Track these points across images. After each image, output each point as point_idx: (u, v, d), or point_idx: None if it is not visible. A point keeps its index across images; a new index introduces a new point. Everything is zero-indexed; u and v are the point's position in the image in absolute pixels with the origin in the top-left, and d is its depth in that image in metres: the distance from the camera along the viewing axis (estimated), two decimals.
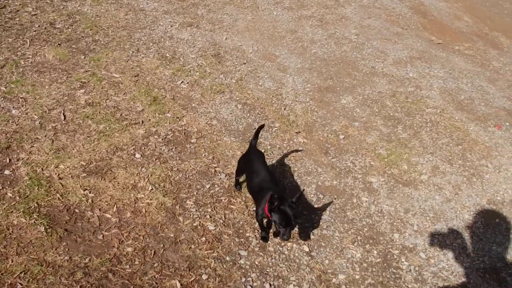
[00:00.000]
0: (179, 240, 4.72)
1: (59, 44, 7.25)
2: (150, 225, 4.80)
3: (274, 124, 6.55)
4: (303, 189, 4.73)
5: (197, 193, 5.29)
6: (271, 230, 5.00)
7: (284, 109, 6.89)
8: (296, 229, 5.02)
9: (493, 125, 7.20)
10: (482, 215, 5.68)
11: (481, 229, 5.51)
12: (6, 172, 5.02)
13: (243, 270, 4.58)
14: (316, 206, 5.46)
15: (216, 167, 5.67)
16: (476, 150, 6.62)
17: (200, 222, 4.95)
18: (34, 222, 4.54)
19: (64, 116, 5.95)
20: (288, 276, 4.63)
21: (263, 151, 5.91)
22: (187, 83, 7.05)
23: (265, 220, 4.86)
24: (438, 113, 7.27)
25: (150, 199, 5.06)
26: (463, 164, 6.36)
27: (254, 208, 4.96)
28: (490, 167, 6.37)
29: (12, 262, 4.15)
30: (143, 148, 5.72)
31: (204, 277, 4.43)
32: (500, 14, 11.56)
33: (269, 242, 4.90)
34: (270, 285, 4.51)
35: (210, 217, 5.04)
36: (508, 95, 8.04)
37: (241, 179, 5.44)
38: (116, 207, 4.91)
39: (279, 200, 4.36)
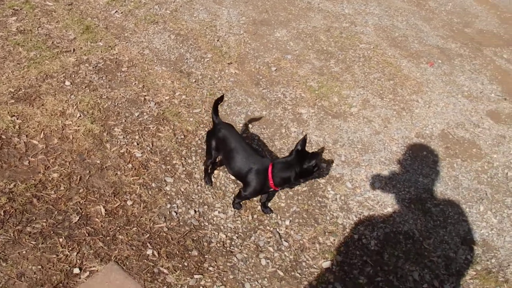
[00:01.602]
0: (105, 167, 4.75)
1: None
2: (77, 152, 4.80)
3: (207, 55, 6.53)
4: (306, 134, 4.63)
5: (125, 120, 5.29)
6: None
7: (217, 40, 6.85)
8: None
9: (425, 62, 7.32)
10: (410, 147, 5.83)
11: (409, 161, 5.66)
12: None
13: (169, 197, 4.65)
14: (244, 135, 5.52)
15: (146, 96, 5.67)
16: (407, 86, 6.74)
17: (127, 149, 4.98)
18: None
19: None
20: (213, 203, 4.72)
21: (193, 81, 5.94)
22: (121, 12, 6.95)
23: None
24: (371, 49, 7.35)
25: (78, 126, 5.05)
26: (394, 99, 6.47)
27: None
28: (420, 102, 6.49)
29: None
30: (73, 76, 5.67)
31: (129, 203, 4.49)
32: None
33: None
34: (195, 211, 4.59)
35: (138, 144, 5.07)
36: (442, 34, 8.15)
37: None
38: (44, 133, 4.89)
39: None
